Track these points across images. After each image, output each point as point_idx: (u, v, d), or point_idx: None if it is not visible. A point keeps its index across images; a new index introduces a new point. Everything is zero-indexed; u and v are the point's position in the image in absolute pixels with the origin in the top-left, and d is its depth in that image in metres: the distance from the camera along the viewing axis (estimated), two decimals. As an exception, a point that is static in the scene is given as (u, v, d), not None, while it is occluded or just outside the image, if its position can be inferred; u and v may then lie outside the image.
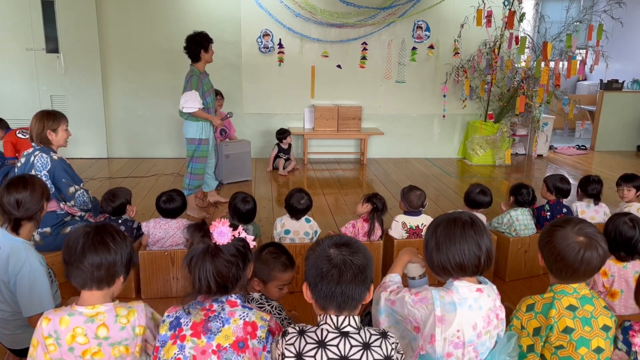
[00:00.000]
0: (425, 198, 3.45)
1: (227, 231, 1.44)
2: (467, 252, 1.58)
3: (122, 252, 1.59)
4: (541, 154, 7.69)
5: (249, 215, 3.24)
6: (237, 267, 1.46)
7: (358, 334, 1.40)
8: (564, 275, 1.66)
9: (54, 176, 3.32)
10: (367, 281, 1.43)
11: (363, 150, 7.01)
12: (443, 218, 1.65)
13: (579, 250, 1.61)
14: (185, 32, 6.51)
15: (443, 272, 1.62)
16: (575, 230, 1.65)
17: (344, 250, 1.43)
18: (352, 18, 6.74)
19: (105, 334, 1.54)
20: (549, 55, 6.40)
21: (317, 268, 1.42)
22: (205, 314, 1.45)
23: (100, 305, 1.57)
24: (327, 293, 1.39)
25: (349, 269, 1.39)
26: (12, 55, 6.34)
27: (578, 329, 1.60)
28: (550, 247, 1.66)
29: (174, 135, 6.88)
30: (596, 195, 3.73)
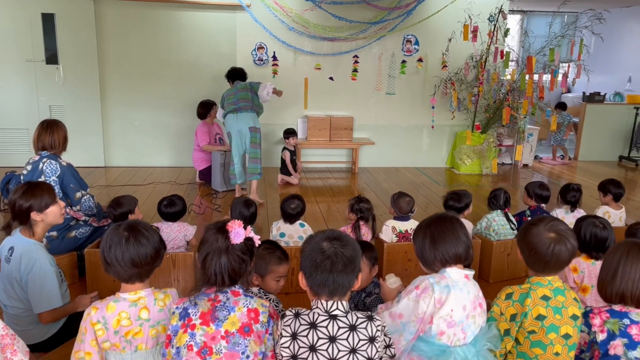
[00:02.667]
0: (414, 204, 3.64)
1: (242, 232, 1.63)
2: (460, 243, 1.81)
3: (157, 246, 1.79)
4: (527, 163, 7.94)
5: (252, 218, 3.40)
6: (246, 263, 1.65)
7: (345, 317, 1.60)
8: (538, 267, 1.86)
9: (63, 181, 3.48)
10: (355, 270, 1.63)
11: (355, 159, 7.21)
12: (433, 217, 1.87)
13: (550, 244, 1.82)
14: (182, 45, 6.80)
15: (440, 264, 1.82)
16: (547, 227, 1.86)
17: (336, 243, 1.62)
18: (344, 32, 6.98)
19: (146, 315, 1.73)
20: (534, 69, 6.66)
21: (312, 259, 1.61)
22: (212, 304, 1.63)
23: (141, 291, 1.77)
24: (320, 281, 1.59)
25: (340, 259, 1.58)
26: (13, 66, 6.50)
27: (550, 316, 1.80)
28: (526, 242, 1.87)
29: (169, 144, 7.05)
30: (574, 202, 3.95)
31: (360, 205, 3.52)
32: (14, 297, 2.35)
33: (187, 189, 6.03)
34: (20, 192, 2.38)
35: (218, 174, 5.90)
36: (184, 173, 6.73)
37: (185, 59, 6.86)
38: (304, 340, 1.57)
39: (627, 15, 9.54)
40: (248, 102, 5.45)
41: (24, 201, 2.36)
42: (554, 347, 1.79)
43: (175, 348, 1.61)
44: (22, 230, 2.37)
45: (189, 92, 6.88)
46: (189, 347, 1.59)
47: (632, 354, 1.76)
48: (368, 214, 3.53)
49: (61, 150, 3.52)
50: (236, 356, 1.59)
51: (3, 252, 2.38)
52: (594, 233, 2.68)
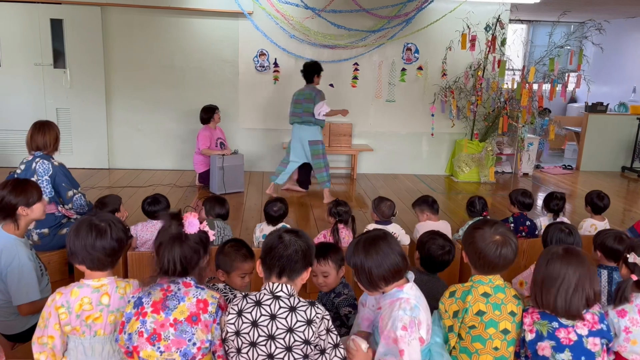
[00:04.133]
0: (395, 208, 3.72)
1: (196, 223, 1.73)
2: (400, 256, 1.88)
3: (121, 237, 1.89)
4: (527, 172, 7.95)
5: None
6: (198, 254, 1.75)
7: (288, 299, 1.71)
8: (486, 270, 1.93)
9: (55, 181, 3.62)
10: (305, 261, 1.77)
11: (353, 165, 7.30)
12: (368, 238, 1.92)
13: (497, 248, 1.89)
14: (185, 51, 6.97)
15: (385, 283, 1.86)
16: (492, 231, 1.93)
17: (293, 235, 1.79)
18: (344, 40, 7.09)
19: (107, 301, 1.83)
20: (532, 79, 6.71)
21: (270, 243, 1.77)
22: (164, 294, 1.73)
23: (105, 278, 1.88)
24: (271, 262, 1.74)
25: (292, 246, 1.74)
26: (22, 69, 6.72)
27: (489, 312, 1.87)
28: (472, 247, 1.94)
29: (172, 148, 7.21)
30: (557, 211, 3.98)
31: (338, 209, 3.61)
32: (-5, 289, 2.48)
33: (186, 191, 6.16)
34: (10, 188, 2.50)
35: (216, 177, 6.03)
36: (185, 176, 6.87)
37: (188, 65, 7.02)
38: (248, 316, 1.70)
39: (632, 26, 9.52)
40: (311, 116, 5.81)
41: (13, 197, 2.48)
42: (493, 342, 1.85)
43: (127, 334, 1.72)
44: (5, 225, 2.49)
45: (192, 97, 7.04)
46: (140, 333, 1.69)
47: (559, 356, 1.81)
48: (346, 216, 3.61)
49: (53, 150, 3.66)
50: (183, 343, 1.69)
51: (-14, 247, 2.51)
52: (560, 238, 2.74)
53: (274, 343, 1.67)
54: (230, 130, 7.12)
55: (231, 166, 6.08)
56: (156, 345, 1.68)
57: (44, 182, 3.57)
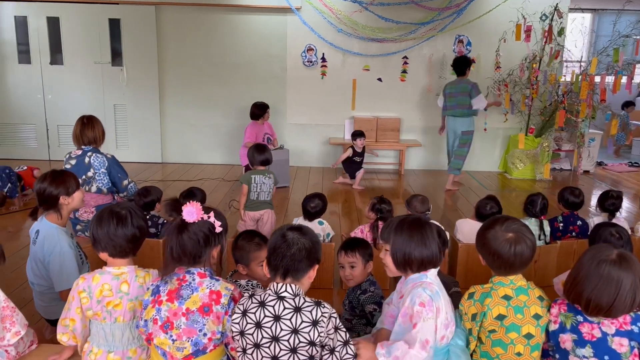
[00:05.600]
0: (428, 203, 3.61)
1: (194, 212, 1.73)
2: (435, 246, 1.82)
3: (142, 226, 1.95)
4: (587, 169, 7.52)
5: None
6: (198, 244, 1.75)
7: (293, 300, 1.67)
8: (504, 270, 1.83)
9: (111, 172, 3.77)
10: (310, 259, 1.72)
11: (401, 161, 7.17)
12: (411, 219, 1.88)
13: (510, 246, 1.78)
14: (235, 48, 7.09)
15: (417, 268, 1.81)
16: (503, 228, 1.82)
17: (296, 233, 1.74)
18: (393, 33, 6.97)
19: (126, 289, 1.89)
20: (594, 70, 6.32)
21: (273, 243, 1.74)
22: (179, 283, 1.76)
23: (125, 267, 1.93)
24: (276, 263, 1.70)
25: (296, 245, 1.70)
26: (83, 68, 7.07)
27: (510, 316, 1.76)
28: (486, 248, 1.84)
29: (222, 142, 7.35)
30: (612, 210, 3.73)
31: (382, 206, 3.55)
32: (39, 275, 2.61)
33: (233, 186, 6.27)
34: (50, 180, 2.62)
35: (262, 172, 6.09)
36: (234, 171, 6.99)
37: (238, 61, 7.14)
38: (252, 317, 1.67)
39: None
40: (465, 109, 6.09)
41: (54, 188, 2.60)
42: (515, 347, 1.75)
43: (143, 320, 1.75)
44: (48, 215, 2.61)
45: (241, 93, 7.15)
46: (155, 320, 1.72)
47: (580, 351, 1.69)
48: (388, 215, 3.55)
49: (101, 143, 3.81)
50: (194, 332, 1.71)
51: (32, 236, 2.65)
52: (608, 242, 2.56)
53: (278, 345, 1.63)
54: (278, 125, 7.18)
55: (276, 161, 6.07)
56: (169, 333, 1.71)
57: (101, 174, 3.72)
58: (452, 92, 6.18)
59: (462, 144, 6.29)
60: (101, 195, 3.73)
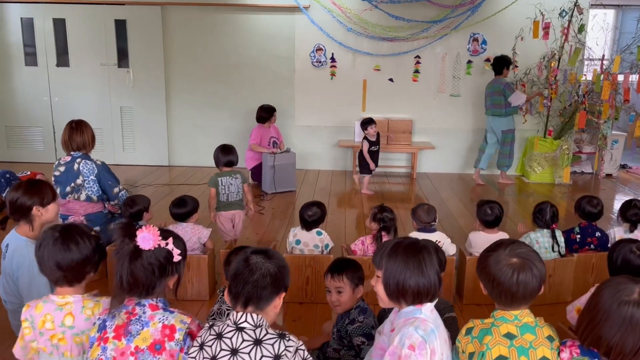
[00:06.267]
0: (435, 213, 3.38)
1: (150, 238, 1.55)
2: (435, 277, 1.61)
3: (87, 251, 1.75)
4: (610, 173, 7.17)
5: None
6: (152, 274, 1.57)
7: (253, 331, 1.49)
8: (505, 301, 1.60)
9: (101, 180, 3.63)
10: (275, 285, 1.54)
11: (413, 164, 6.92)
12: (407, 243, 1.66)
13: (513, 272, 1.56)
14: (242, 48, 6.92)
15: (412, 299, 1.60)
16: (507, 252, 1.60)
17: (261, 256, 1.56)
18: (405, 32, 6.72)
19: (70, 322, 1.70)
20: (616, 69, 5.99)
21: (234, 268, 1.56)
22: (128, 317, 1.57)
23: (70, 296, 1.74)
24: (236, 291, 1.53)
25: (259, 271, 1.52)
26: (89, 69, 6.98)
27: (513, 358, 1.53)
28: (485, 273, 1.61)
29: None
30: (635, 221, 3.45)
31: (384, 215, 3.33)
32: (9, 292, 2.46)
33: (238, 190, 6.09)
34: (24, 189, 2.47)
35: (267, 176, 5.92)
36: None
37: (245, 62, 6.97)
38: (208, 350, 1.50)
39: None
40: (501, 108, 6.24)
41: (27, 197, 2.44)
42: (518, 395, 1.52)
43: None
44: (19, 227, 2.46)
45: (249, 95, 6.98)
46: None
47: None
48: (391, 224, 3.33)
49: (91, 149, 3.66)
50: (144, 375, 1.52)
51: (2, 249, 2.50)
52: (628, 259, 2.31)
53: None
54: (286, 127, 7.00)
55: (283, 165, 5.93)
56: None
57: (90, 182, 3.59)
58: (489, 92, 6.33)
59: (503, 143, 6.44)
60: (91, 204, 3.59)
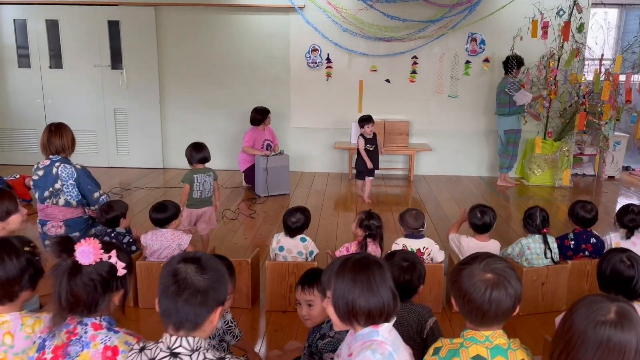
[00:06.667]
0: (423, 218, 3.27)
1: (91, 251, 1.44)
2: (390, 293, 1.49)
3: (14, 270, 1.63)
4: (612, 175, 7.02)
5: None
6: (94, 290, 1.46)
7: (189, 357, 1.36)
8: (476, 319, 1.49)
9: (80, 184, 3.54)
10: (208, 304, 1.38)
11: (410, 166, 6.80)
12: (358, 259, 1.53)
13: (486, 289, 1.44)
14: (237, 49, 6.84)
15: (365, 320, 1.48)
16: (482, 267, 1.48)
17: (191, 267, 1.39)
18: (401, 32, 6.61)
19: (10, 342, 1.60)
20: (618, 69, 5.85)
21: (161, 282, 1.40)
22: (68, 337, 1.46)
23: (7, 314, 1.63)
24: (165, 309, 1.38)
25: (189, 287, 1.36)
26: (82, 71, 6.91)
27: (481, 383, 1.42)
28: (457, 288, 1.50)
29: (224, 147, 7.10)
30: (632, 228, 3.32)
31: (370, 222, 3.22)
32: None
33: (231, 193, 6.01)
34: None
35: (260, 179, 5.82)
36: (235, 176, 6.73)
37: (240, 63, 6.88)
38: None
39: None
40: (505, 107, 6.19)
41: None
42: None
43: None
44: None
45: (243, 96, 6.88)
46: None
47: None
48: (377, 232, 3.22)
49: (70, 152, 3.58)
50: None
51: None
52: (618, 270, 2.18)
53: None
54: (281, 129, 6.90)
55: (276, 167, 5.83)
56: None
57: (69, 186, 3.50)
58: (497, 91, 6.31)
59: (506, 143, 6.37)
60: (70, 209, 3.50)
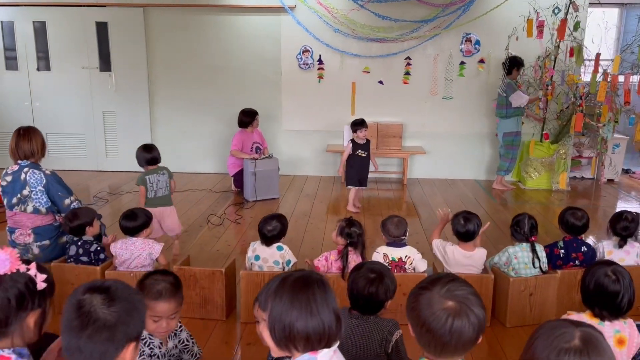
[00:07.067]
0: (406, 226, 3.13)
1: (7, 259, 1.30)
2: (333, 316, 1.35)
3: None
4: (612, 178, 6.84)
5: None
6: (8, 304, 1.32)
7: None
8: (435, 350, 1.34)
9: (50, 191, 3.41)
10: (116, 340, 1.23)
11: (404, 169, 6.65)
12: (296, 277, 1.39)
13: (447, 319, 1.29)
14: (228, 50, 6.71)
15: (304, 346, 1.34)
16: (442, 293, 1.33)
17: (98, 298, 1.24)
18: (394, 32, 6.46)
19: None
20: (616, 70, 5.68)
21: (64, 315, 1.25)
22: None
23: None
24: (67, 346, 1.24)
25: (93, 322, 1.21)
26: (70, 73, 6.80)
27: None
28: (415, 315, 1.35)
29: (215, 150, 6.98)
30: (625, 236, 3.17)
31: (351, 230, 3.08)
32: None
33: (220, 198, 5.88)
34: None
35: (249, 183, 5.69)
36: (225, 180, 6.59)
37: (230, 64, 6.76)
38: None
39: None
40: (502, 109, 6.07)
41: None
42: None
43: None
44: None
45: (234, 98, 6.75)
46: None
47: None
48: (358, 240, 3.09)
49: (40, 157, 3.45)
50: None
51: None
52: (602, 284, 2.03)
53: None
54: (273, 131, 6.78)
55: (264, 171, 5.69)
56: None
57: (38, 192, 3.38)
58: (498, 92, 6.15)
59: (506, 146, 6.23)
60: (39, 216, 3.37)
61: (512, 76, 6.03)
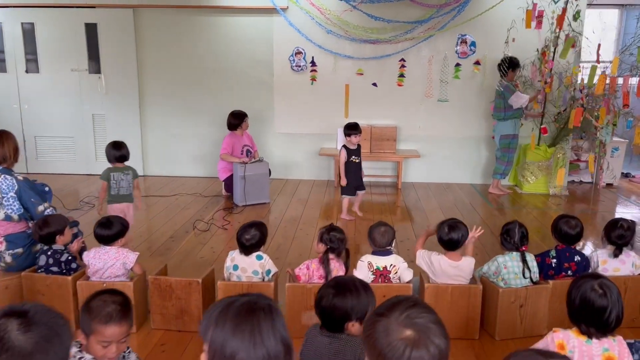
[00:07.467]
0: (392, 235, 3.00)
1: None
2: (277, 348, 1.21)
3: None
4: (611, 182, 6.70)
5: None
6: None
7: None
8: None
9: (22, 197, 3.29)
10: None
11: (399, 173, 6.52)
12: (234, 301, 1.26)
13: (404, 350, 1.16)
14: (218, 52, 6.60)
15: None
16: (401, 320, 1.19)
17: (14, 322, 1.14)
18: (388, 33, 6.34)
19: None
20: (615, 71, 5.55)
21: None
22: None
23: None
24: None
25: (6, 350, 1.11)
26: (59, 76, 6.70)
27: None
28: (371, 344, 1.21)
29: (206, 154, 6.86)
30: (620, 245, 3.03)
31: (331, 234, 2.95)
32: None
33: (209, 202, 5.76)
34: None
35: (238, 187, 5.56)
36: (216, 185, 6.46)
37: (222, 66, 6.65)
38: None
39: None
40: (500, 112, 5.98)
41: None
42: None
43: None
44: None
45: (226, 101, 6.63)
46: None
47: None
48: (340, 245, 2.95)
49: (13, 162, 3.33)
50: None
51: None
52: (588, 299, 1.90)
53: None
54: (264, 134, 6.66)
55: (254, 175, 5.57)
56: None
57: (9, 199, 3.25)
58: (495, 95, 6.06)
59: (503, 148, 6.12)
60: (11, 223, 3.25)
61: (509, 77, 5.92)
